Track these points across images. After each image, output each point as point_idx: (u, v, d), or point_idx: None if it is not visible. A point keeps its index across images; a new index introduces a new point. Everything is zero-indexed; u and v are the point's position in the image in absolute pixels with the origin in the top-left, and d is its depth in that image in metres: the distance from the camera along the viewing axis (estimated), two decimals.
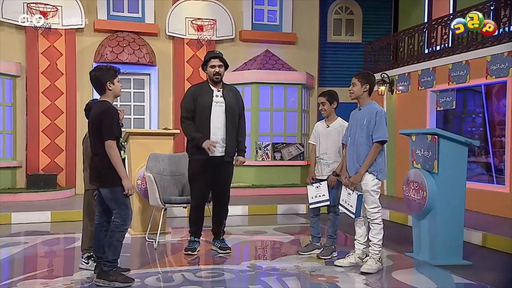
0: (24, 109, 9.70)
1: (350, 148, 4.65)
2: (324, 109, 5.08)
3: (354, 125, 4.67)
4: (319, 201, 4.98)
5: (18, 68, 9.66)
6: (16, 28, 9.63)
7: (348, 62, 12.31)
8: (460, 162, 4.96)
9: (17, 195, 8.77)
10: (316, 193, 4.99)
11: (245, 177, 10.39)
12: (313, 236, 5.21)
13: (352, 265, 4.69)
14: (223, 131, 5.03)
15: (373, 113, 4.53)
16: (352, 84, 4.68)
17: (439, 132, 4.88)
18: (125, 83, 10.35)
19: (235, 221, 7.58)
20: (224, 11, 10.76)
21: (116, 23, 10.16)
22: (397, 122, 10.40)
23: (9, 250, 5.39)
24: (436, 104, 9.50)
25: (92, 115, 4.09)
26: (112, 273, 3.98)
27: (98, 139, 4.00)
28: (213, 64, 5.07)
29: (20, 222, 7.21)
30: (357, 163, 4.56)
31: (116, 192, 4.00)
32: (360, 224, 4.71)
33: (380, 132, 4.50)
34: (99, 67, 4.20)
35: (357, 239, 4.75)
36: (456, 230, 4.99)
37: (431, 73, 9.39)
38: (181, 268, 4.63)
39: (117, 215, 4.00)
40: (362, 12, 12.69)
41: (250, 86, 10.49)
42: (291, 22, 11.42)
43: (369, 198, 4.55)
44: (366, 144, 4.53)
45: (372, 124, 4.52)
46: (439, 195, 4.89)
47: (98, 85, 4.09)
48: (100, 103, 4.11)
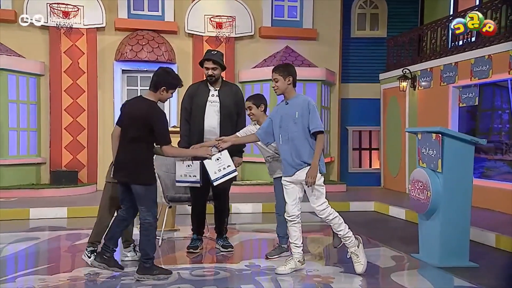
0: (48, 107, 9.96)
1: (285, 145, 4.34)
2: (251, 113, 4.93)
3: (284, 120, 4.32)
4: (224, 174, 4.49)
5: (42, 67, 9.92)
6: (40, 28, 9.88)
7: (371, 58, 12.11)
8: (466, 161, 4.80)
9: (40, 191, 9.03)
10: (219, 166, 4.47)
11: (263, 174, 10.35)
12: (281, 238, 5.01)
13: (293, 270, 4.41)
14: (217, 130, 5.02)
15: (304, 105, 4.29)
16: (273, 80, 4.40)
17: (443, 131, 4.74)
18: (145, 80, 10.49)
19: (246, 219, 7.60)
20: (243, 8, 10.75)
21: (137, 21, 10.29)
22: (419, 118, 10.17)
23: (19, 245, 5.55)
24: (458, 100, 9.23)
25: (140, 111, 4.05)
26: (154, 268, 4.16)
27: (139, 135, 4.02)
28: (207, 66, 5.06)
29: (38, 217, 7.42)
30: (297, 159, 4.27)
31: (150, 190, 4.11)
32: (295, 226, 4.41)
33: (317, 122, 4.26)
34: (169, 71, 4.24)
35: (293, 243, 4.44)
36: (462, 231, 4.85)
37: (453, 68, 9.12)
38: (179, 266, 4.66)
39: (148, 213, 4.10)
40: (387, 6, 12.42)
41: (269, 82, 10.42)
42: (312, 18, 11.29)
43: (315, 193, 4.25)
44: (303, 137, 4.27)
45: (305, 115, 4.27)
46: (444, 195, 4.76)
47: (157, 83, 4.11)
48: (151, 103, 4.11)
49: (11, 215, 7.38)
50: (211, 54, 5.09)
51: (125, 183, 4.14)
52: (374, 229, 6.85)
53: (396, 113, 11.02)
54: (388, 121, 11.47)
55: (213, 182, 4.53)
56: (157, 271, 4.17)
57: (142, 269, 4.15)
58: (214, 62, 5.01)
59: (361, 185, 11.44)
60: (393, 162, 11.10)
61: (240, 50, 10.87)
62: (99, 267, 4.30)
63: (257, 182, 10.20)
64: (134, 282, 4.12)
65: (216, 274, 4.45)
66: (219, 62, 5.04)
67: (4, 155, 9.26)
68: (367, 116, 12.03)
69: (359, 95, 12.11)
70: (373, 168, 12.35)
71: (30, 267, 4.66)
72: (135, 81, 10.50)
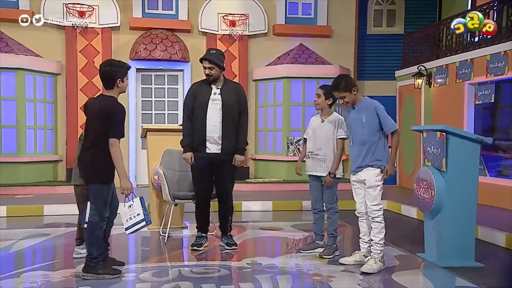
0: (64, 106, 10.14)
1: (354, 148, 4.59)
2: (317, 102, 4.96)
3: (353, 124, 4.59)
4: (135, 223, 4.24)
5: (58, 67, 10.11)
6: (57, 28, 10.07)
7: (388, 55, 11.97)
8: (471, 160, 4.72)
9: (56, 188, 9.21)
10: (130, 214, 4.23)
11: (277, 172, 10.38)
12: (315, 234, 5.14)
13: (357, 263, 4.60)
14: (219, 128, 5.04)
15: (371, 109, 4.49)
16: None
17: (447, 129, 4.67)
18: (159, 79, 10.60)
19: (255, 217, 7.61)
20: (256, 6, 10.75)
21: (151, 20, 10.39)
22: (434, 116, 10.03)
23: (29, 241, 5.68)
24: (474, 98, 9.07)
25: (99, 108, 4.05)
26: (100, 266, 4.10)
27: (98, 133, 4.01)
28: (204, 65, 5.10)
29: (52, 214, 7.56)
30: (362, 161, 4.50)
31: (102, 189, 4.08)
32: (363, 222, 4.64)
33: (390, 122, 4.49)
34: (111, 61, 4.24)
35: (361, 238, 4.69)
36: (467, 231, 4.77)
37: (469, 65, 8.96)
38: (181, 264, 4.72)
39: (95, 211, 4.07)
40: (404, 2, 12.26)
41: (282, 80, 10.43)
42: (326, 15, 11.22)
43: (371, 194, 4.46)
44: (370, 141, 4.46)
45: (374, 120, 4.46)
46: (448, 194, 4.69)
47: (108, 80, 4.11)
48: (108, 98, 4.10)
49: (26, 211, 7.54)
50: (208, 54, 5.11)
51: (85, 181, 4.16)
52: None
53: (412, 111, 10.89)
54: (403, 119, 11.34)
55: (126, 231, 4.25)
56: (102, 271, 4.09)
57: (87, 267, 4.11)
58: (210, 62, 5.03)
59: None
60: (409, 161, 10.96)
61: (254, 48, 10.87)
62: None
63: (269, 180, 10.20)
64: (134, 279, 4.18)
65: (217, 271, 4.47)
66: (215, 62, 5.04)
67: (21, 153, 9.47)
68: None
69: (374, 92, 11.93)
70: None
71: (36, 263, 4.78)
72: (150, 80, 10.60)
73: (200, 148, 5.08)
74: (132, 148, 10.20)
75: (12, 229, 6.62)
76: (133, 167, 10.19)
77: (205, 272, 4.45)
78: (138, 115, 10.50)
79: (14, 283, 4.08)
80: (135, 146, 10.23)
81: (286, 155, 10.32)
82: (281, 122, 10.44)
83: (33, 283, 4.07)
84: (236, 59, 10.69)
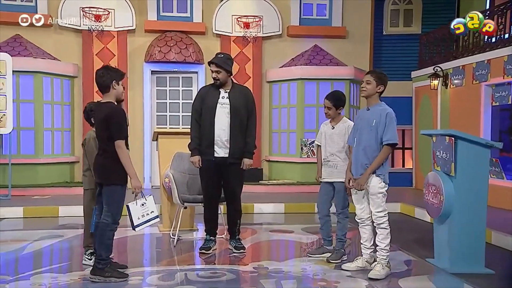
0: (81, 108, 10.25)
1: (357, 149, 4.52)
2: (329, 113, 4.95)
3: (361, 126, 4.53)
4: (147, 220, 4.33)
5: (75, 69, 10.27)
6: (74, 32, 10.23)
7: (404, 55, 11.85)
8: (481, 165, 4.65)
9: (72, 189, 9.34)
10: (143, 211, 4.30)
11: (290, 174, 10.36)
12: (323, 239, 5.13)
13: (359, 269, 4.57)
14: (227, 132, 5.07)
15: (382, 114, 4.40)
16: (365, 82, 4.50)
17: (456, 134, 4.61)
18: (174, 81, 10.69)
19: (266, 219, 7.62)
20: (271, 7, 10.75)
21: (166, 23, 10.47)
22: (451, 117, 9.89)
23: (42, 242, 5.79)
24: (491, 99, 8.92)
25: (101, 115, 4.21)
26: (107, 269, 4.18)
27: (106, 139, 4.17)
28: (211, 69, 5.15)
29: (67, 215, 7.68)
30: (361, 166, 4.45)
31: (115, 191, 4.18)
32: (365, 228, 4.58)
33: (390, 135, 4.36)
34: (107, 66, 4.38)
35: (363, 244, 4.63)
36: (477, 237, 4.69)
37: (485, 65, 8.82)
38: (188, 267, 4.75)
39: (108, 213, 4.17)
40: (422, 1, 12.12)
41: (296, 82, 10.41)
42: (341, 16, 11.17)
43: (375, 201, 4.43)
44: (374, 147, 4.41)
45: (381, 125, 4.38)
46: (457, 200, 4.63)
47: (103, 84, 4.23)
48: (106, 104, 4.23)
49: (42, 212, 7.69)
50: (216, 58, 5.15)
51: (100, 185, 4.27)
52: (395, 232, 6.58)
53: (428, 112, 10.76)
54: (420, 120, 11.22)
55: (135, 228, 4.26)
56: (110, 273, 4.16)
57: (95, 269, 4.18)
58: (217, 66, 5.06)
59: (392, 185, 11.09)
60: (425, 162, 10.82)
61: (268, 49, 10.88)
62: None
63: (283, 181, 10.19)
64: (140, 283, 4.23)
65: (222, 276, 4.49)
66: (222, 66, 5.07)
67: (39, 154, 9.65)
68: (400, 115, 11.39)
69: (391, 93, 11.60)
70: (406, 168, 12.10)
71: (46, 265, 4.84)
72: (164, 82, 10.69)
73: (208, 152, 5.11)
74: (147, 149, 10.31)
75: (27, 230, 6.77)
76: (148, 169, 10.29)
77: (211, 276, 4.48)
78: (153, 117, 10.61)
79: (23, 285, 4.16)
80: (150, 148, 10.32)
81: (300, 157, 10.30)
82: (295, 124, 10.42)
83: (41, 285, 4.14)
84: (250, 60, 10.71)
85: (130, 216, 4.22)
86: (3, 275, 4.43)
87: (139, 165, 10.29)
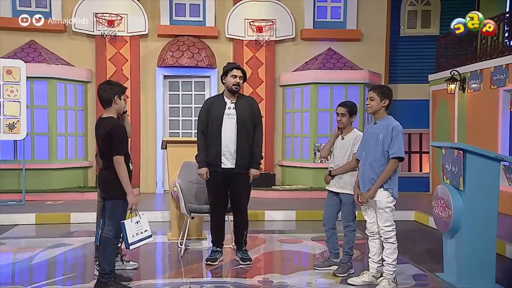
0: (94, 113, 10.33)
1: (363, 164, 4.47)
2: (342, 121, 4.86)
3: (368, 139, 4.49)
4: (141, 239, 4.29)
5: (89, 74, 10.33)
6: (88, 37, 10.29)
7: (422, 57, 11.61)
8: (491, 179, 4.51)
9: (85, 194, 9.40)
10: (137, 229, 4.26)
11: (303, 179, 10.26)
12: (330, 252, 5.05)
13: (366, 283, 4.51)
14: (234, 143, 5.05)
15: (389, 128, 4.35)
16: (369, 99, 4.49)
17: (464, 147, 4.48)
18: (186, 85, 10.67)
19: (277, 227, 7.55)
20: (284, 11, 10.65)
21: (178, 27, 10.47)
22: (468, 123, 9.68)
23: (51, 252, 5.82)
24: (510, 105, 8.69)
25: (102, 131, 4.25)
26: (111, 283, 4.18)
27: (107, 155, 4.20)
28: (235, 74, 5.11)
29: (78, 222, 7.72)
30: (368, 180, 4.40)
31: (118, 205, 4.19)
32: (374, 242, 4.53)
33: (396, 148, 4.30)
34: (109, 81, 4.42)
35: (371, 258, 4.57)
36: (487, 252, 4.55)
37: (504, 70, 8.59)
38: (193, 280, 4.72)
39: (109, 227, 4.18)
40: (440, 2, 11.86)
41: (309, 86, 10.30)
42: (356, 18, 11.01)
43: (383, 215, 4.36)
44: (381, 161, 4.35)
45: (388, 139, 4.32)
46: (466, 214, 4.50)
47: (106, 99, 4.26)
48: (107, 120, 4.27)
49: (54, 219, 7.74)
50: (237, 64, 5.19)
51: (103, 199, 4.31)
52: (407, 242, 6.55)
53: (446, 116, 10.55)
54: (437, 124, 11.00)
55: (129, 246, 4.21)
56: (114, 287, 4.19)
57: (99, 283, 4.22)
58: (242, 73, 5.12)
59: (409, 190, 10.98)
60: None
61: (281, 53, 10.78)
62: None
63: (296, 187, 10.10)
64: None
65: None
66: (244, 76, 5.15)
67: (53, 159, 9.74)
68: (417, 118, 11.50)
69: (408, 96, 11.63)
70: (423, 173, 11.86)
71: (50, 277, 4.84)
72: (177, 86, 10.69)
73: (215, 163, 5.09)
74: (159, 154, 10.30)
75: (37, 238, 6.82)
76: (160, 174, 10.28)
77: None
78: (166, 121, 10.61)
79: None
80: (163, 153, 10.31)
81: (313, 162, 10.19)
82: (308, 128, 10.31)
83: None
84: (263, 64, 10.63)
85: (125, 234, 4.19)
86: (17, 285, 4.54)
87: (152, 170, 10.33)
